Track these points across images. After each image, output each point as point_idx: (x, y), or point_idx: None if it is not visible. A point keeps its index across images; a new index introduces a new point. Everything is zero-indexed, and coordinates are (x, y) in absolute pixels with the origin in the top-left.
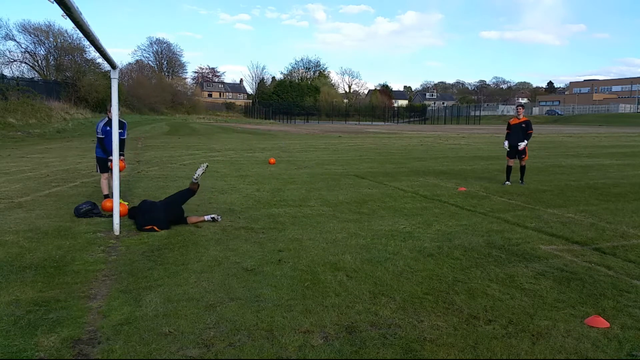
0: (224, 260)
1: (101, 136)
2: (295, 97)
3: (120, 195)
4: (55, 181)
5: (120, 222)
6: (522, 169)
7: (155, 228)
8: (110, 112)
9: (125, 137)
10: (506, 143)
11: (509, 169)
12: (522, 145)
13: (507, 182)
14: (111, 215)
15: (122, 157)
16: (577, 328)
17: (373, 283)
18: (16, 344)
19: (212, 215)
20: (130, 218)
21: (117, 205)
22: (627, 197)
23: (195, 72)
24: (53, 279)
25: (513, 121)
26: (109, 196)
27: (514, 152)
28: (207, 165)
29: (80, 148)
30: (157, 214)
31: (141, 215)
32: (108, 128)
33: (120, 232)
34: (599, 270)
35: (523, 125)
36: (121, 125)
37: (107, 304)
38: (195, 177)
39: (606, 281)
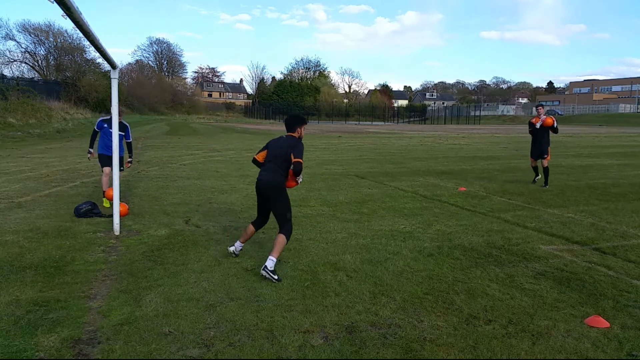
0: (224, 260)
1: (96, 130)
2: (295, 97)
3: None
4: (55, 181)
5: (120, 222)
6: (545, 170)
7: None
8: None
9: (130, 140)
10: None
11: (534, 168)
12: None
13: (538, 177)
14: (111, 215)
15: (129, 161)
16: (577, 328)
17: (373, 283)
18: (16, 344)
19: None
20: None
21: (117, 205)
22: (627, 197)
23: (195, 72)
24: (53, 279)
25: (535, 120)
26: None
27: (538, 153)
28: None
29: (80, 148)
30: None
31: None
32: (105, 125)
33: (120, 232)
34: (599, 270)
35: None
36: (123, 127)
37: (107, 304)
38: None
39: (606, 281)
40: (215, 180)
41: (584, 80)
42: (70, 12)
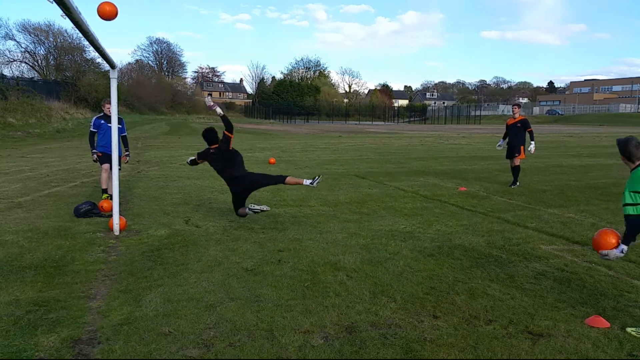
0: (224, 260)
1: (93, 130)
2: (295, 96)
3: (116, 196)
4: (55, 181)
5: (119, 222)
6: (516, 169)
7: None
8: (104, 106)
9: (125, 133)
10: (501, 142)
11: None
12: (532, 147)
13: (517, 183)
14: (111, 215)
15: (126, 154)
16: (578, 328)
17: (373, 283)
18: (16, 344)
19: (310, 181)
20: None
21: (117, 205)
22: None
23: (195, 71)
24: (53, 279)
25: (509, 121)
26: (107, 191)
27: (510, 153)
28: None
29: (80, 148)
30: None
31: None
32: (102, 121)
33: (120, 232)
34: (600, 270)
35: (519, 124)
36: (119, 121)
37: (107, 304)
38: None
39: (606, 281)
40: (215, 180)
41: (585, 80)
42: (70, 12)
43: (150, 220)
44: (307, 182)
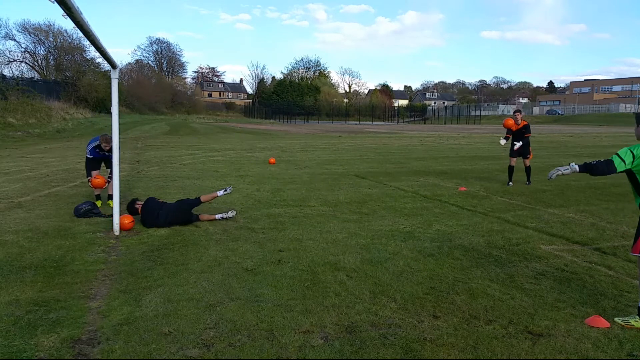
0: (224, 260)
1: (89, 156)
2: (295, 96)
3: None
4: (55, 181)
5: (120, 222)
6: (527, 169)
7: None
8: (106, 142)
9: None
10: (502, 141)
11: (511, 169)
12: (517, 145)
13: (510, 183)
14: (111, 215)
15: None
16: (578, 328)
17: (373, 283)
18: (16, 344)
19: (222, 215)
20: (131, 214)
21: (117, 206)
22: (627, 197)
23: (195, 71)
24: (53, 279)
25: (514, 128)
26: (100, 197)
27: (516, 151)
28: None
29: (80, 148)
30: (161, 218)
31: (147, 215)
32: (97, 150)
33: (120, 232)
34: (600, 270)
35: (523, 130)
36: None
37: (107, 304)
38: (222, 215)
39: (607, 281)
40: (215, 180)
41: (585, 80)
42: (71, 12)
43: None
44: (220, 192)
